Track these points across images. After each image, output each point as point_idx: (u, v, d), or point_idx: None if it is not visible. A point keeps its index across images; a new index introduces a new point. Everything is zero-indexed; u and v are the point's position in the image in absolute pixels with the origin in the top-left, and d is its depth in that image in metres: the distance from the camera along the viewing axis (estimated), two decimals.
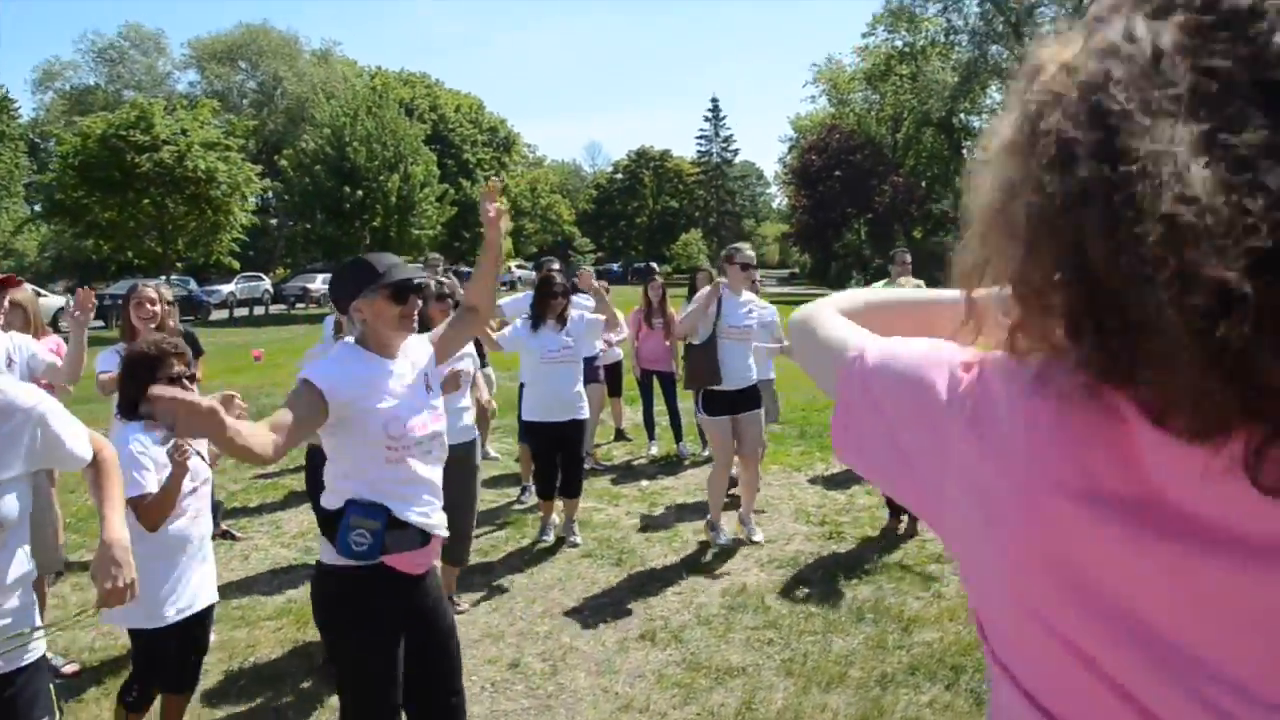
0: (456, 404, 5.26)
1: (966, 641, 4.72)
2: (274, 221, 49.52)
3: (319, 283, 34.01)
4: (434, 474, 2.99)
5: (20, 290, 5.51)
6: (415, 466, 2.89)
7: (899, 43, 46.83)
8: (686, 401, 9.25)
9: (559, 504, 6.71)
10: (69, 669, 4.63)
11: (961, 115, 45.16)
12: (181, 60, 55.23)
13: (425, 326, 5.23)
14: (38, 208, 29.50)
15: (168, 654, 3.46)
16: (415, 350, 3.06)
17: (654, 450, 9.44)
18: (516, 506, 7.53)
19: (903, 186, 43.86)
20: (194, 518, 3.48)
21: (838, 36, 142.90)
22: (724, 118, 69.74)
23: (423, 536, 2.88)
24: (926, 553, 6.17)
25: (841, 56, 53.14)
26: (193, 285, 32.66)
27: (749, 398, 6.44)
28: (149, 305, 5.38)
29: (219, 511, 3.81)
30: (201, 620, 3.55)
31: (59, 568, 5.19)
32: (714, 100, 76.26)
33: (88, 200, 25.37)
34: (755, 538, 6.55)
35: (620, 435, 10.40)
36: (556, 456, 6.53)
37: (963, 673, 4.39)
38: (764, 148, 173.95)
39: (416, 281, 2.94)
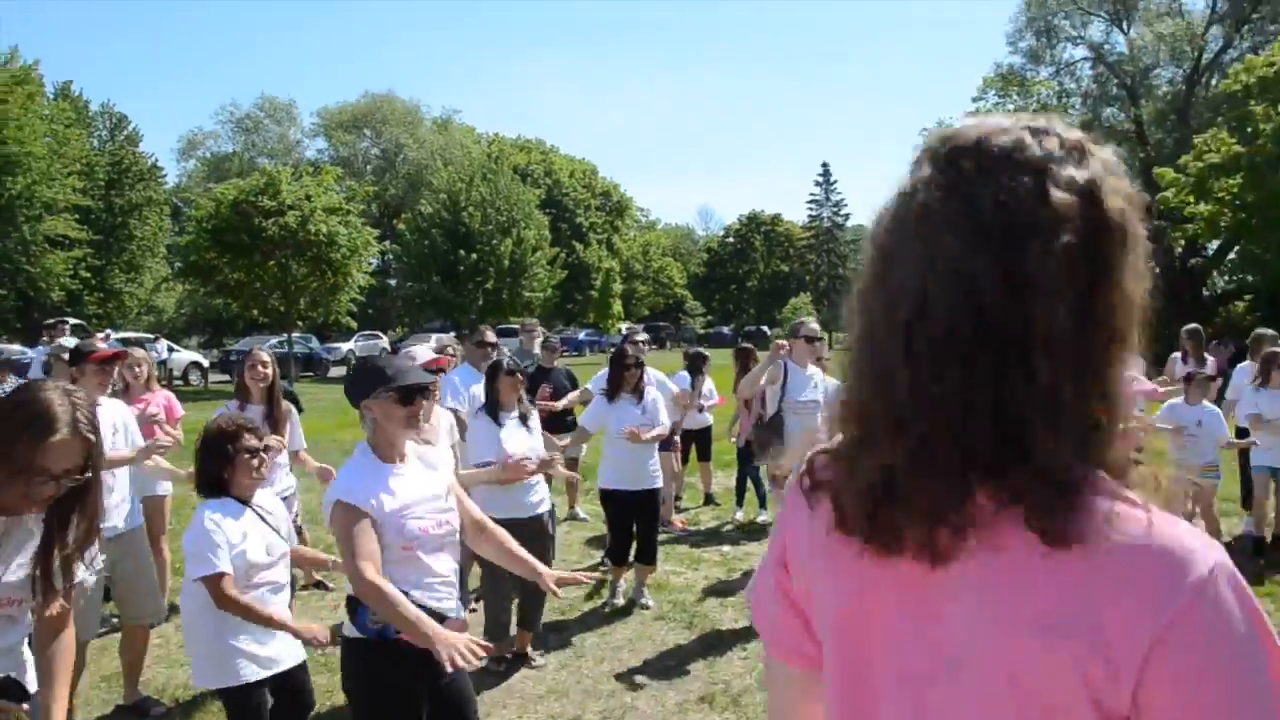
0: (527, 482, 5.51)
1: None
2: (392, 282, 51.31)
3: (434, 342, 35.12)
4: (446, 564, 3.17)
5: (133, 354, 6.06)
6: (427, 561, 3.09)
7: (1010, 107, 46.31)
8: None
9: (630, 569, 6.89)
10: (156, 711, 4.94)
11: None
12: (311, 129, 58.27)
13: (494, 400, 5.53)
14: (177, 267, 31.25)
15: (261, 712, 3.58)
16: (435, 457, 3.32)
17: (739, 516, 9.53)
18: (603, 567, 7.68)
19: None
20: (273, 589, 3.66)
21: (949, 100, 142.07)
22: (835, 182, 69.99)
23: (437, 619, 2.98)
24: None
25: (952, 121, 52.45)
26: (314, 343, 34.05)
27: None
28: (260, 367, 5.83)
29: (293, 586, 4.07)
30: (292, 676, 3.66)
31: (161, 618, 5.52)
32: (824, 165, 76.23)
33: (218, 261, 26.90)
34: None
35: (709, 500, 10.52)
36: (631, 524, 6.72)
37: None
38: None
39: (423, 385, 3.15)
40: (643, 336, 9.24)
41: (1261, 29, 40.30)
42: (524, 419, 5.64)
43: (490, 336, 7.16)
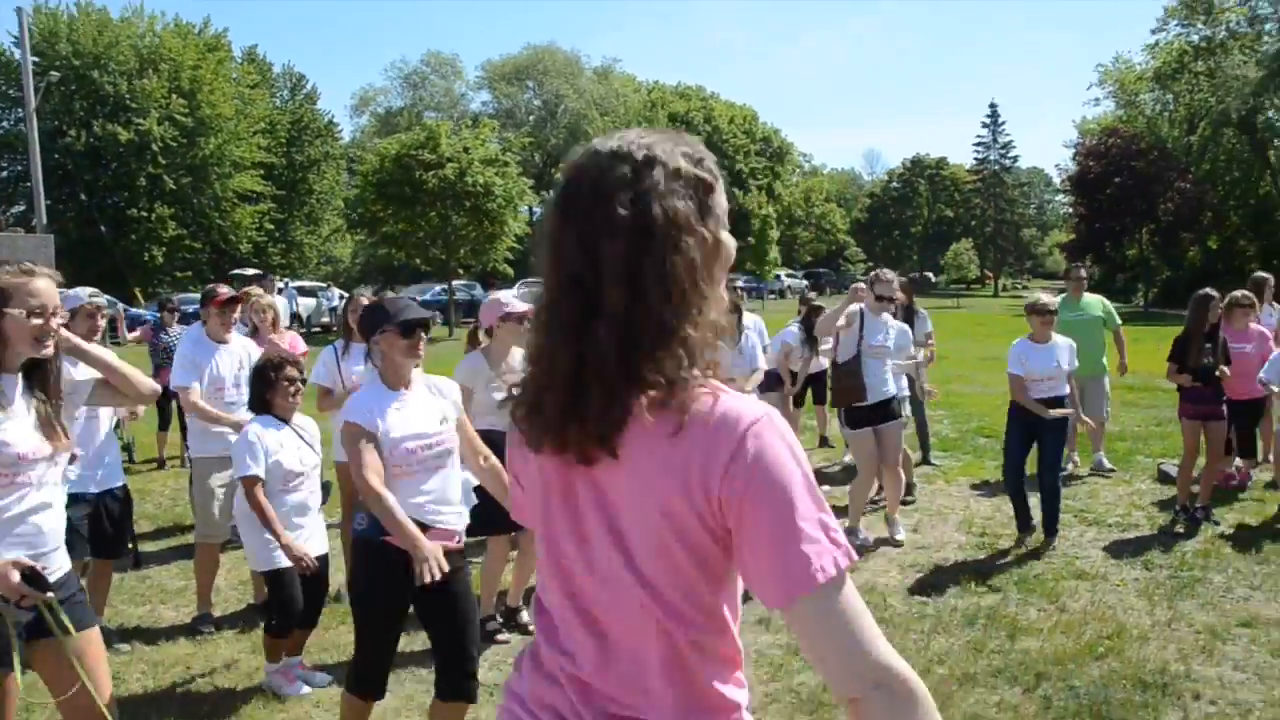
0: None
1: (1064, 652, 4.84)
2: None
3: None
4: (437, 483, 3.55)
5: (264, 296, 6.77)
6: (420, 478, 3.49)
7: (1194, 37, 43.29)
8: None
9: None
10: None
11: (1268, 113, 41.09)
12: (475, 82, 59.85)
13: None
14: (350, 219, 33.07)
15: (294, 593, 4.44)
16: (446, 386, 3.73)
17: (847, 459, 9.71)
18: None
19: (1191, 193, 40.42)
20: (308, 492, 4.54)
21: (1126, 34, 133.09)
22: (1003, 123, 66.74)
23: (421, 528, 3.38)
24: (1071, 568, 6.21)
25: (1130, 55, 49.26)
26: (477, 290, 35.44)
27: (887, 410, 6.76)
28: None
29: (327, 491, 4.77)
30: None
31: (226, 536, 6.13)
32: (992, 105, 72.94)
33: (382, 213, 28.31)
34: (898, 536, 6.88)
35: (824, 442, 10.74)
36: None
37: (1045, 679, 4.54)
38: (1052, 153, 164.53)
39: (420, 319, 3.55)
40: (741, 283, 9.45)
41: None
42: None
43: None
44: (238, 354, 5.67)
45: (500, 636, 5.24)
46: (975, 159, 68.66)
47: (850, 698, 1.24)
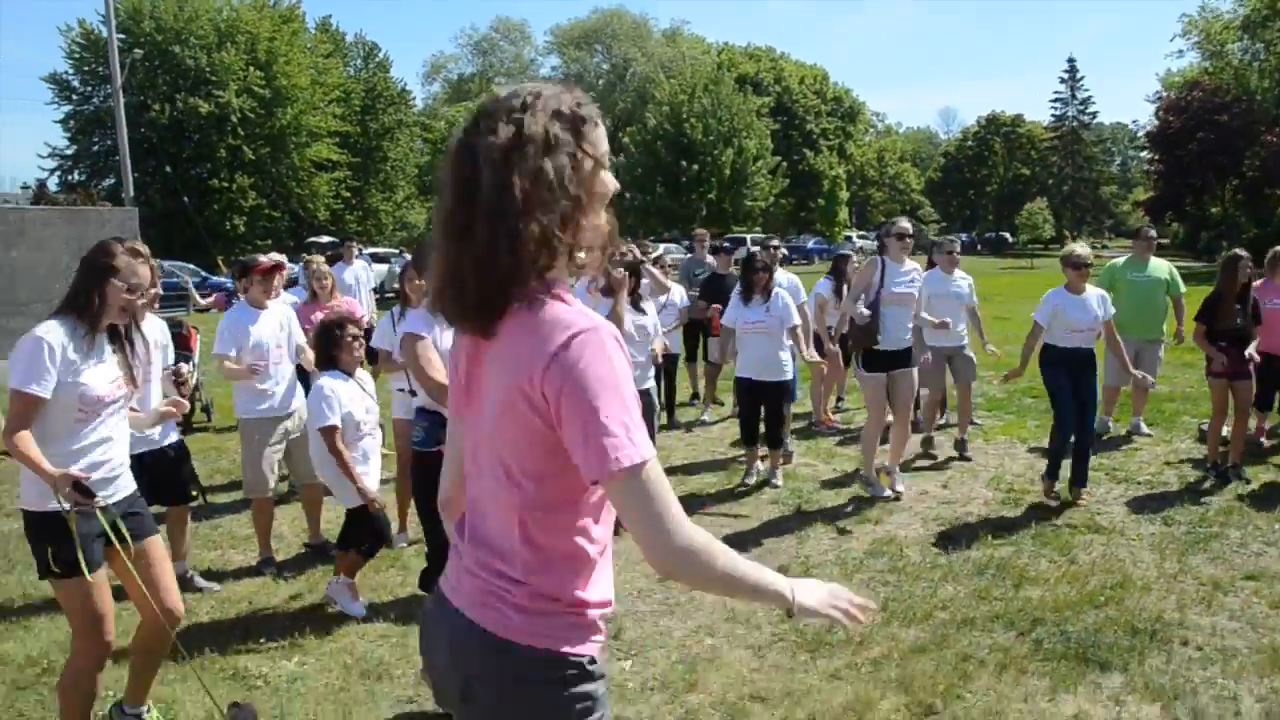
0: (640, 358, 6.30)
1: (1064, 600, 5.09)
2: (628, 196, 52.92)
3: (660, 251, 36.37)
4: None
5: (318, 268, 7.26)
6: None
7: None
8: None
9: (763, 451, 7.65)
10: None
11: None
12: (544, 47, 60.29)
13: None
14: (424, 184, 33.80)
15: (382, 522, 5.07)
16: None
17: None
18: (741, 460, 8.27)
19: (1278, 148, 39.11)
20: (371, 439, 5.18)
21: None
22: (1081, 79, 64.92)
23: None
24: (1090, 523, 6.41)
25: (1218, 3, 47.44)
26: None
27: (904, 358, 7.01)
28: (418, 280, 6.81)
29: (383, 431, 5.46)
30: None
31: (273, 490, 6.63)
32: (1070, 60, 71.11)
33: None
34: (898, 487, 7.15)
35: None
36: (759, 411, 7.47)
37: (1040, 624, 4.80)
38: (1136, 108, 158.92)
39: None
40: (776, 243, 9.63)
41: None
42: (635, 304, 6.39)
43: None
44: (277, 318, 6.09)
45: None
46: (1053, 116, 67.08)
47: (658, 569, 1.59)
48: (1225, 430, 7.64)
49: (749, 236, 35.17)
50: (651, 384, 6.72)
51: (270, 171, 42.76)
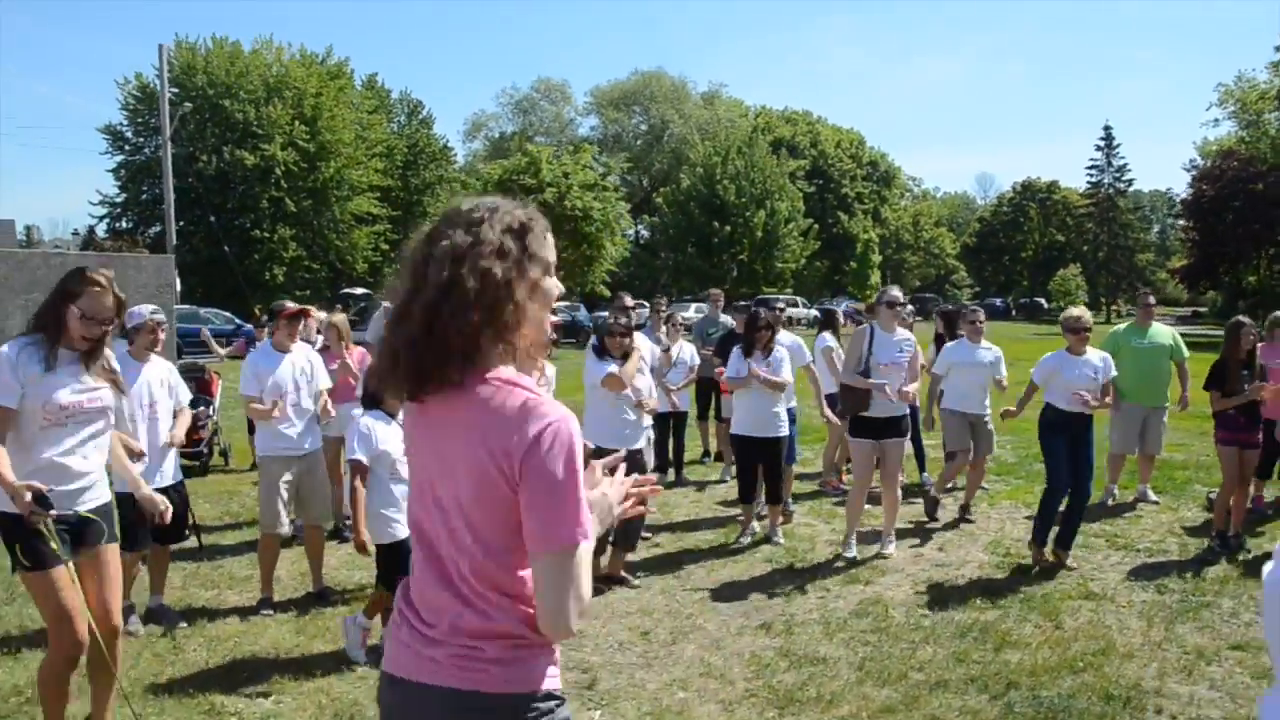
0: (627, 418, 6.43)
1: (1043, 665, 5.07)
2: (661, 255, 53.37)
3: (691, 312, 36.62)
4: None
5: (336, 321, 7.45)
6: None
7: None
8: (933, 438, 9.68)
9: (760, 510, 7.69)
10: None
11: None
12: (584, 107, 61.28)
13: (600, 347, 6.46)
14: None
15: (398, 563, 5.03)
16: None
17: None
18: (739, 518, 8.31)
19: None
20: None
21: (1250, 52, 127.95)
22: (1118, 146, 64.95)
23: None
24: (1082, 589, 6.38)
25: (1254, 73, 47.37)
26: (581, 312, 36.28)
27: (894, 426, 7.03)
28: None
29: None
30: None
31: (328, 521, 6.88)
32: (1106, 127, 70.48)
33: None
34: (886, 551, 7.20)
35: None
36: (757, 467, 7.52)
37: (1015, 688, 4.79)
38: (1171, 177, 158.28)
39: None
40: (783, 303, 9.74)
41: None
42: (624, 357, 6.55)
43: (626, 302, 8.28)
44: (299, 362, 6.31)
45: None
46: (1089, 182, 67.00)
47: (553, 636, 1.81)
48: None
49: (780, 298, 35.38)
50: (643, 444, 6.79)
51: (311, 223, 43.68)
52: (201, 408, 10.07)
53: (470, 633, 1.83)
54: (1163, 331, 9.06)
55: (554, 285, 1.92)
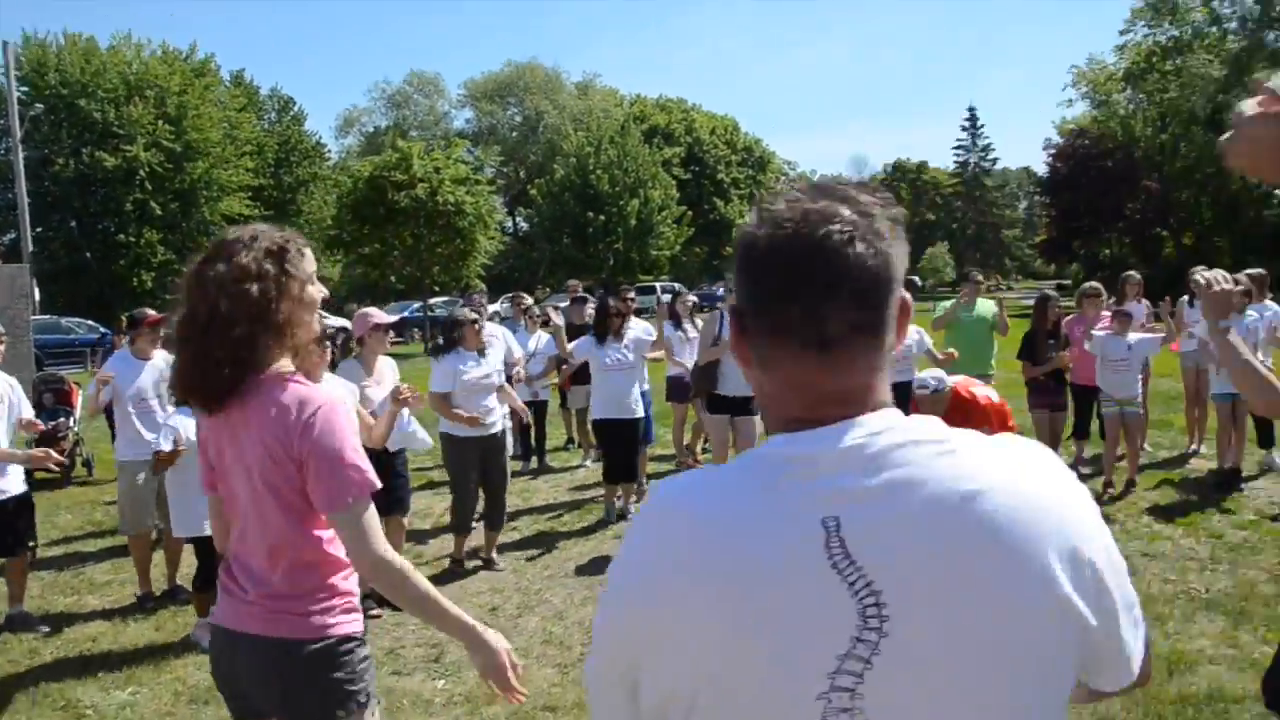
0: (484, 404, 6.74)
1: None
2: (536, 247, 53.52)
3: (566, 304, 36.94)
4: None
5: None
6: None
7: (1161, 37, 44.07)
8: None
9: (620, 489, 8.13)
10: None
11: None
12: (458, 100, 60.96)
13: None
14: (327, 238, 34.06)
15: (208, 560, 5.34)
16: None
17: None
18: (600, 498, 8.69)
19: (1158, 192, 41.29)
20: None
21: (1100, 35, 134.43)
22: (981, 127, 67.78)
23: None
24: None
25: (1103, 55, 49.95)
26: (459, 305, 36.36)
27: (746, 404, 7.54)
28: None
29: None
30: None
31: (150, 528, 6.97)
32: (971, 109, 73.42)
33: (358, 234, 29.27)
34: None
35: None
36: (622, 448, 7.96)
37: None
38: (1035, 156, 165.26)
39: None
40: (632, 294, 10.13)
41: None
42: (480, 353, 6.84)
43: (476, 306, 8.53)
44: (159, 367, 6.46)
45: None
46: (956, 162, 69.68)
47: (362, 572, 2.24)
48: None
49: (658, 284, 35.97)
50: (498, 427, 7.09)
51: (180, 226, 42.45)
52: (62, 419, 10.03)
53: (275, 591, 2.24)
54: (985, 305, 9.80)
55: (316, 292, 2.30)
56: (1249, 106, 1.39)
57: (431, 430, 6.76)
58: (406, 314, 30.98)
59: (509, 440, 7.70)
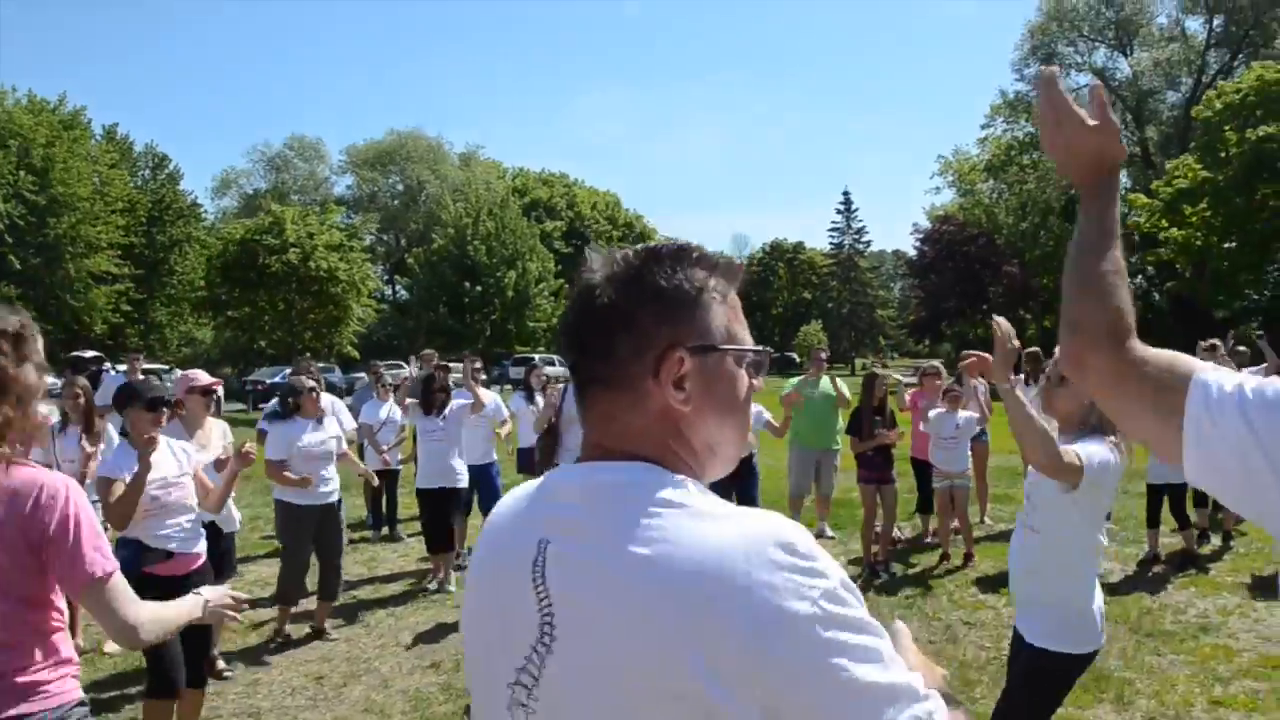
0: (322, 473, 6.74)
1: None
2: (414, 316, 53.11)
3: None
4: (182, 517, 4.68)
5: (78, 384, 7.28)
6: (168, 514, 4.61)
7: (1019, 133, 46.91)
8: None
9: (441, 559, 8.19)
10: None
11: None
12: (339, 166, 60.65)
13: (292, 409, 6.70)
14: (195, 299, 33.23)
15: None
16: (179, 446, 4.84)
17: None
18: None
19: (1018, 278, 43.65)
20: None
21: (962, 129, 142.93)
22: (856, 210, 70.48)
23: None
24: None
25: (968, 147, 52.89)
26: (336, 374, 35.68)
27: None
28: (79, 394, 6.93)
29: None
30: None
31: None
32: (845, 193, 76.39)
33: (227, 296, 28.72)
34: None
35: None
36: (443, 517, 8.09)
37: None
38: (906, 239, 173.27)
39: (159, 398, 4.50)
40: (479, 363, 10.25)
41: (1256, 54, 40.51)
42: (319, 420, 6.87)
43: (309, 373, 8.34)
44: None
45: None
46: (831, 243, 72.14)
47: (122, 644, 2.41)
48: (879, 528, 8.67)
49: (536, 356, 36.04)
50: (335, 496, 7.06)
51: (42, 281, 40.87)
52: None
53: (10, 673, 2.29)
54: (827, 382, 10.18)
55: (33, 378, 2.32)
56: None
57: (261, 500, 6.74)
58: (279, 379, 30.31)
59: (342, 512, 7.67)
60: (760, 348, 1.26)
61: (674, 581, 1.01)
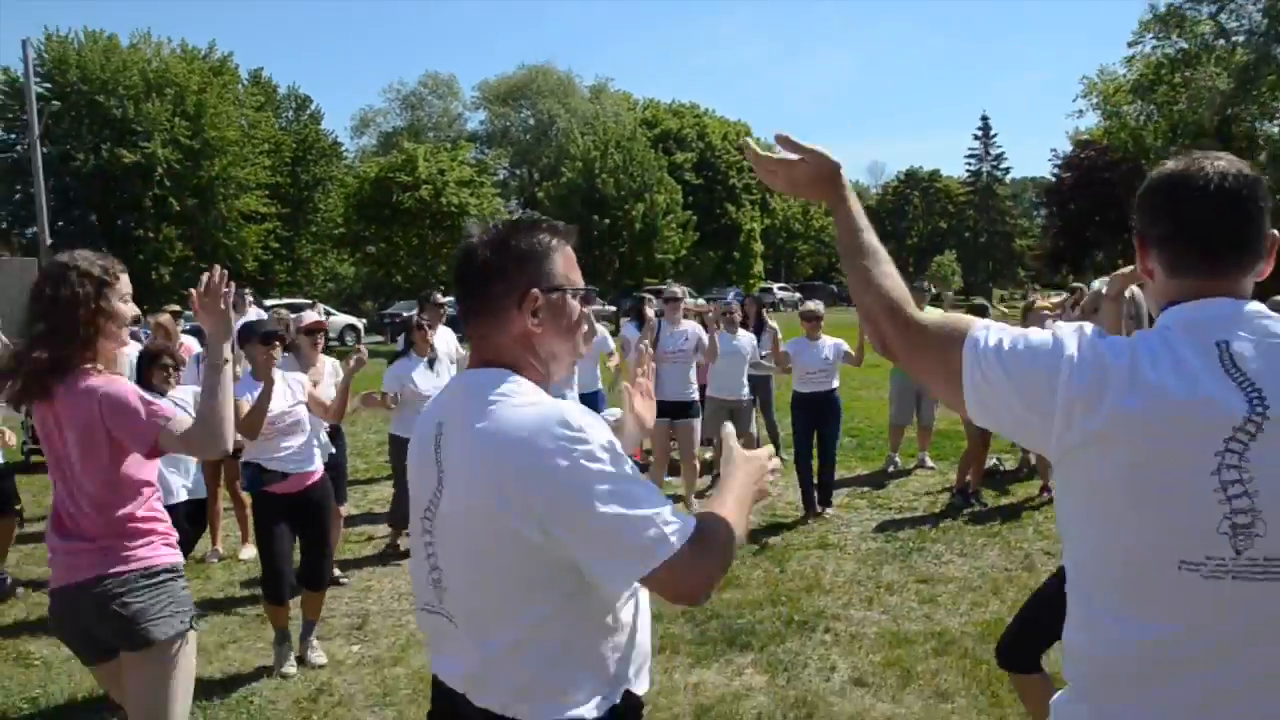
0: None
1: (751, 600, 6.04)
2: None
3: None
4: (295, 440, 5.22)
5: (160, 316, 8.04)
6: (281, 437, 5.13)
7: (1170, 49, 44.12)
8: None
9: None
10: None
11: (1250, 121, 41.94)
12: (472, 102, 61.50)
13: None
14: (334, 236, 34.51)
15: None
16: (296, 379, 5.44)
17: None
18: None
19: None
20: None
21: (1112, 45, 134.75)
22: (994, 135, 67.79)
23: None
24: (822, 541, 7.39)
25: (1114, 66, 49.97)
26: None
27: (685, 409, 7.97)
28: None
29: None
30: None
31: None
32: (984, 118, 73.49)
33: (364, 233, 29.87)
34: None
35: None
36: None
37: (717, 618, 5.74)
38: (1045, 165, 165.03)
39: (271, 332, 5.09)
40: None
41: None
42: (430, 363, 7.25)
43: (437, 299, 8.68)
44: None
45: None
46: (968, 171, 69.79)
47: None
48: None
49: (662, 289, 36.07)
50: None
51: (198, 222, 43.14)
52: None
53: (92, 536, 2.75)
54: (933, 311, 10.16)
55: (125, 310, 2.81)
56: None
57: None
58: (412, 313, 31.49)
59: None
60: (587, 287, 1.86)
61: (491, 445, 1.59)
